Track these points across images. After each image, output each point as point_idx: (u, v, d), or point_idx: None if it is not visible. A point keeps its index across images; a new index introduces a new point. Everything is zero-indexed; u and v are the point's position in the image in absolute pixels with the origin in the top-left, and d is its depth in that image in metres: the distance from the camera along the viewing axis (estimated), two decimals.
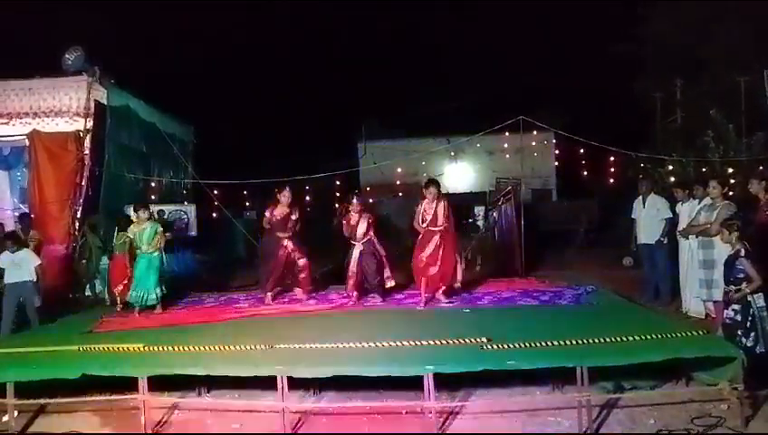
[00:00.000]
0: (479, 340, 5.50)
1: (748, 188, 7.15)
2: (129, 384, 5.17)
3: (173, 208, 11.88)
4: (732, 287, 5.47)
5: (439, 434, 4.82)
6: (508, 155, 21.95)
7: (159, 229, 8.09)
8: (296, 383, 5.18)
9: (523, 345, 5.32)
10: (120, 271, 8.32)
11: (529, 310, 7.38)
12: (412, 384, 4.98)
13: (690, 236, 7.54)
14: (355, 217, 8.17)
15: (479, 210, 15.90)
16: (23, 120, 10.45)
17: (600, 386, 5.20)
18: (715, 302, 6.87)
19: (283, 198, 8.33)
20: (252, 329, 6.76)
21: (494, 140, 20.54)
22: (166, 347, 5.81)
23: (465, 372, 4.97)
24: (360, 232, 8.11)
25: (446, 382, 5.09)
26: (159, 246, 8.05)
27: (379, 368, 5.05)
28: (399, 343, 5.57)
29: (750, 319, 5.29)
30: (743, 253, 5.45)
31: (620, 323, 6.05)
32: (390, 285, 8.22)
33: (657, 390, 5.28)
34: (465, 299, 8.08)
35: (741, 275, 5.39)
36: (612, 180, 19.72)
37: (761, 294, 5.34)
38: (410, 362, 5.12)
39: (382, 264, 8.18)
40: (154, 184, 12.61)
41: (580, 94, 22.69)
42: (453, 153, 23.41)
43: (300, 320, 7.28)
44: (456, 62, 26.64)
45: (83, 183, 10.05)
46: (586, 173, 21.96)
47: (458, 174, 23.74)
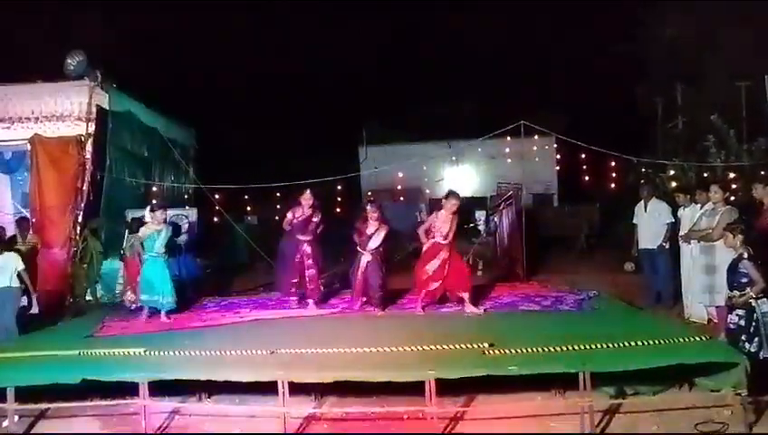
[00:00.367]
0: (481, 345, 5.50)
1: (752, 193, 7.14)
2: (129, 389, 5.16)
3: (174, 213, 11.86)
4: (736, 293, 5.45)
5: None
6: (509, 160, 21.94)
7: (170, 234, 7.98)
8: (297, 388, 5.16)
9: (524, 350, 5.32)
10: (134, 273, 8.35)
11: (531, 315, 7.37)
12: (414, 389, 4.96)
13: (692, 241, 7.53)
14: (373, 225, 7.82)
15: (480, 215, 15.82)
16: (24, 125, 10.44)
17: (603, 391, 5.17)
18: (717, 307, 6.86)
19: (304, 200, 8.11)
20: (253, 334, 6.74)
21: (496, 144, 20.52)
22: (166, 352, 5.81)
23: (466, 377, 4.95)
24: (374, 245, 7.76)
25: (448, 387, 5.07)
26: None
27: (380, 373, 5.04)
28: (401, 348, 5.57)
29: (754, 324, 5.28)
30: (746, 256, 5.44)
31: (622, 329, 6.03)
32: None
33: (659, 395, 5.26)
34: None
35: (744, 280, 5.38)
36: (613, 185, 19.72)
37: (765, 300, 5.33)
38: (412, 366, 5.12)
39: (385, 278, 7.87)
40: (155, 188, 12.60)
41: (582, 99, 22.72)
42: (454, 158, 23.41)
43: (301, 325, 7.27)
44: (458, 67, 26.65)
45: (85, 187, 10.04)
46: (587, 178, 21.96)
47: (459, 179, 23.70)
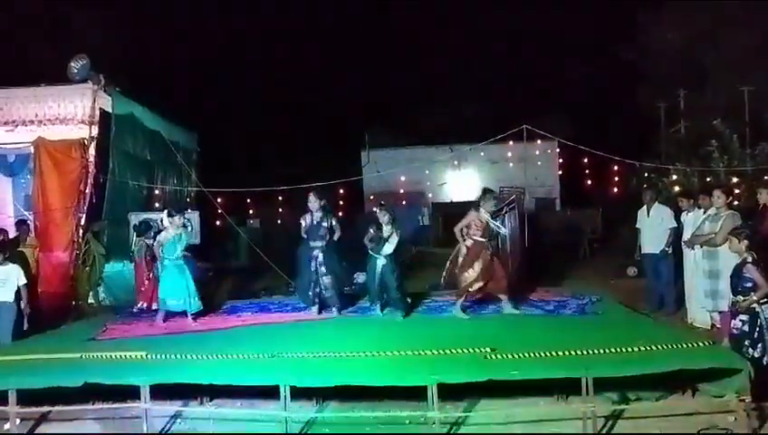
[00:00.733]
0: (483, 349, 5.48)
1: (757, 198, 7.13)
2: (131, 392, 5.16)
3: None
4: (739, 298, 5.43)
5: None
6: (512, 164, 21.93)
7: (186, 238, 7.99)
8: (299, 393, 5.15)
9: (527, 355, 5.30)
10: (143, 275, 8.70)
11: (533, 319, 7.35)
12: (416, 394, 4.95)
13: (695, 245, 7.51)
14: (388, 229, 7.64)
15: None
16: (28, 128, 10.46)
17: (605, 397, 5.16)
18: (720, 312, 6.83)
19: (310, 204, 7.87)
20: (255, 337, 6.74)
21: (498, 148, 20.53)
22: (168, 355, 5.80)
23: (468, 382, 4.94)
24: (389, 250, 7.58)
25: (450, 392, 5.05)
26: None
27: (382, 378, 5.03)
28: (403, 353, 5.56)
29: (758, 329, 5.26)
30: (750, 261, 5.42)
31: (625, 334, 6.01)
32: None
33: (662, 401, 5.24)
34: (470, 308, 8.05)
35: (748, 284, 5.36)
36: (616, 190, 19.73)
37: None
38: (414, 371, 5.10)
39: (401, 279, 7.73)
40: (158, 191, 12.62)
41: (584, 103, 22.73)
42: (456, 162, 23.39)
43: (303, 329, 7.27)
44: (461, 71, 26.70)
45: (87, 190, 10.05)
46: (590, 182, 21.96)
47: (461, 182, 23.69)
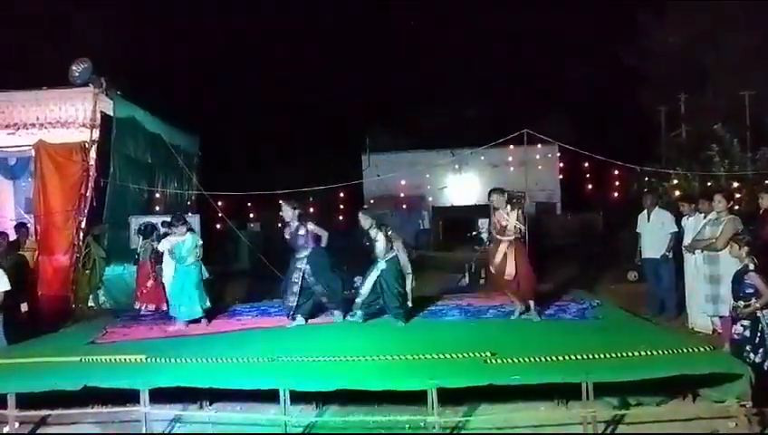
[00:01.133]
0: (483, 354, 5.47)
1: (758, 202, 7.11)
2: (130, 396, 5.15)
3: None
4: (741, 303, 5.41)
5: None
6: (512, 168, 21.95)
7: (199, 242, 7.93)
8: (299, 397, 5.15)
9: (527, 360, 5.29)
10: (145, 277, 8.83)
11: (533, 324, 7.33)
12: (416, 398, 4.94)
13: (696, 250, 7.50)
14: (373, 232, 7.46)
15: (483, 223, 15.81)
16: (29, 131, 10.48)
17: (606, 402, 5.13)
18: (721, 317, 6.81)
19: (283, 214, 7.60)
20: (255, 341, 6.74)
21: (498, 152, 20.53)
22: (168, 359, 5.80)
23: (469, 387, 4.92)
24: (390, 254, 7.39)
25: (450, 397, 5.04)
26: (199, 258, 7.85)
27: (382, 382, 5.01)
28: (403, 357, 5.55)
29: (759, 335, 5.25)
30: (752, 267, 5.40)
31: (626, 338, 6.00)
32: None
33: (663, 406, 5.22)
34: (470, 312, 8.05)
35: (750, 291, 5.35)
36: (617, 194, 19.73)
37: None
38: (414, 375, 5.09)
39: (404, 284, 7.43)
40: (158, 195, 12.63)
41: (585, 105, 22.74)
42: (457, 166, 23.42)
43: (303, 332, 7.25)
44: (461, 72, 26.70)
45: (88, 194, 10.07)
46: (590, 187, 21.97)
47: (462, 186, 23.73)
